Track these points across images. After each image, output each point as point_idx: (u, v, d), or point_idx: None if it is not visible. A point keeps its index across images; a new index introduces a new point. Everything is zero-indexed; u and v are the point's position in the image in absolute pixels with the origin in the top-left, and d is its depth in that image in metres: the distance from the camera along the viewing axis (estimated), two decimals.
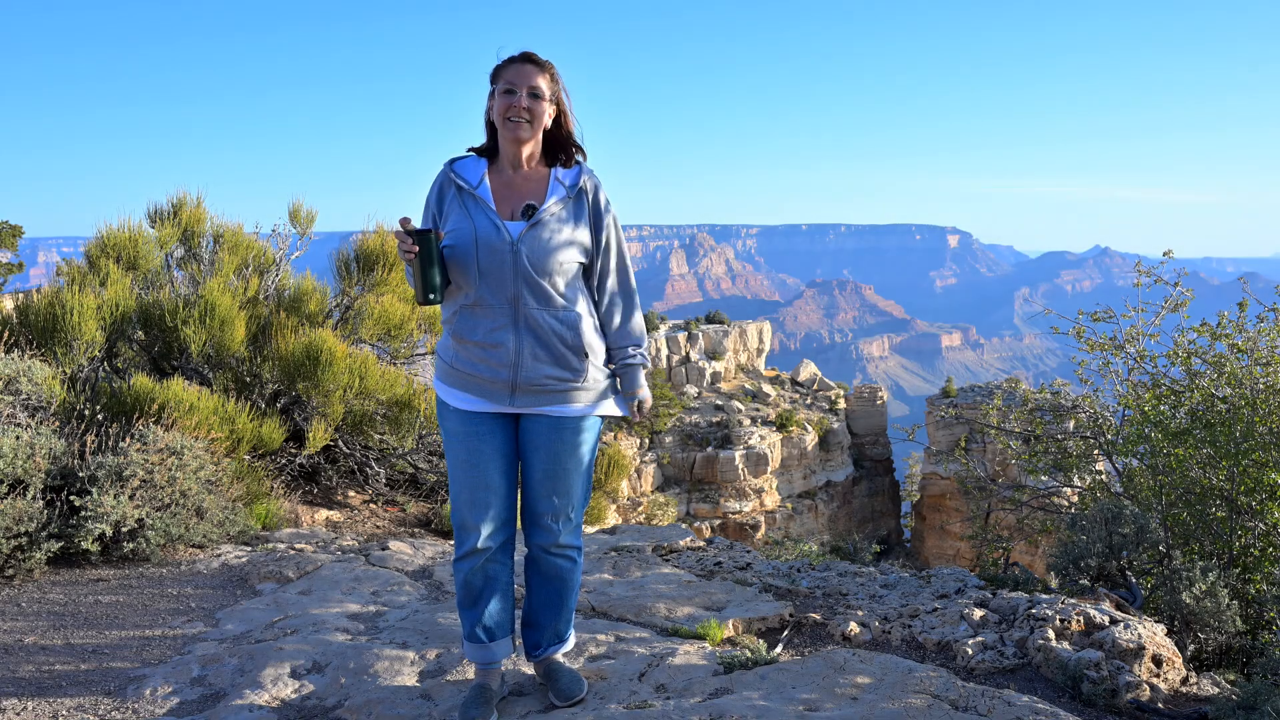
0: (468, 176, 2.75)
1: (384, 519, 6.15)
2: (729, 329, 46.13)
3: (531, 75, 2.68)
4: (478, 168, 2.77)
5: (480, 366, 2.71)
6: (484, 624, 2.90)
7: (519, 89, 2.67)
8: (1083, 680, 2.95)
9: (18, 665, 3.26)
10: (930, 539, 41.73)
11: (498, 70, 2.72)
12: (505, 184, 2.75)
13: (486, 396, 2.74)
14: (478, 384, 2.73)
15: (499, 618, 2.91)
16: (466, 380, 2.75)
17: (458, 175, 2.75)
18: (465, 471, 2.77)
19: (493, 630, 2.91)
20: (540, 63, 2.71)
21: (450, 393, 2.79)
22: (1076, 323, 6.31)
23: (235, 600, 4.02)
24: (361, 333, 6.81)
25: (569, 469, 2.82)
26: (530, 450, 2.82)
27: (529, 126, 2.69)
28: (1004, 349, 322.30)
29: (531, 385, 2.72)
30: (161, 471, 4.49)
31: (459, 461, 2.78)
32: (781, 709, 2.70)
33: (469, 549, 2.81)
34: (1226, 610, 3.52)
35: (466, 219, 2.68)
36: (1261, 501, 4.25)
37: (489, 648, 2.91)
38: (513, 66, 2.69)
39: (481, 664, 2.94)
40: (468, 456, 2.77)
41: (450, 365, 2.77)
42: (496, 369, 2.70)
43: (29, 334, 5.65)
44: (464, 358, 2.73)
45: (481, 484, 2.77)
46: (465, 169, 2.77)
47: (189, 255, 6.79)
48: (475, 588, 2.87)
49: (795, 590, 4.03)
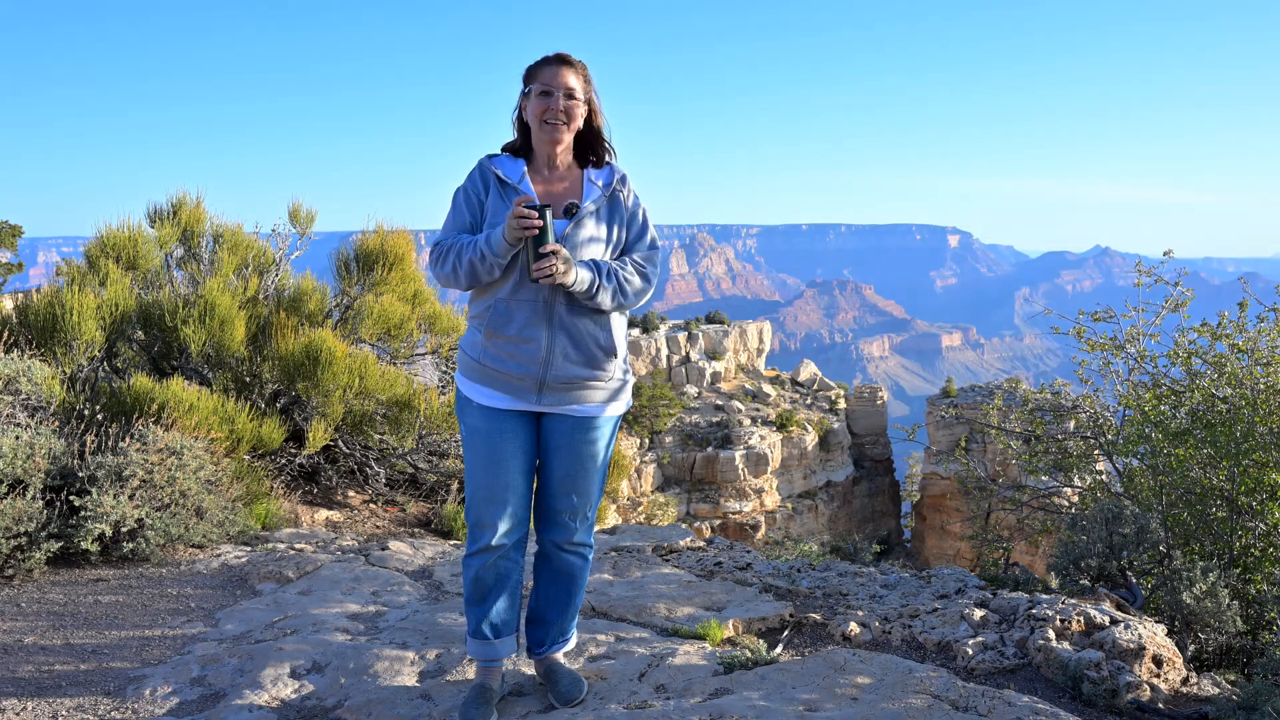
0: (508, 173, 2.76)
1: (384, 519, 6.15)
2: (729, 329, 46.15)
3: (566, 76, 2.71)
4: (516, 166, 2.79)
5: (510, 363, 2.72)
6: (491, 620, 2.90)
7: (556, 91, 2.70)
8: (1083, 680, 2.95)
9: (18, 665, 3.26)
10: (930, 539, 41.73)
11: (532, 71, 2.75)
12: (544, 183, 2.79)
13: (512, 394, 2.75)
14: (505, 380, 2.74)
15: (506, 615, 2.91)
16: (493, 376, 2.75)
17: (498, 170, 2.77)
18: (486, 469, 2.78)
19: (499, 627, 2.91)
20: (574, 63, 2.74)
21: (475, 389, 2.79)
22: (1077, 323, 6.31)
23: (235, 600, 4.02)
24: (361, 332, 6.81)
25: (589, 468, 2.84)
26: (553, 449, 2.83)
27: (566, 128, 2.73)
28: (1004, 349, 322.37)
29: (559, 383, 2.73)
30: (161, 471, 4.49)
31: (480, 459, 2.78)
32: (781, 709, 2.69)
33: (484, 545, 2.81)
34: (1227, 610, 3.51)
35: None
36: (1262, 502, 4.25)
37: (494, 645, 2.91)
38: (548, 68, 2.72)
39: (485, 661, 2.94)
40: (489, 454, 2.77)
41: (477, 361, 2.77)
42: (526, 364, 2.71)
43: (29, 334, 5.65)
44: (492, 353, 2.74)
45: (502, 483, 2.77)
46: (503, 166, 2.78)
47: (189, 255, 6.78)
48: (486, 584, 2.86)
49: (795, 590, 4.03)
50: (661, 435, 40.80)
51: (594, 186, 2.79)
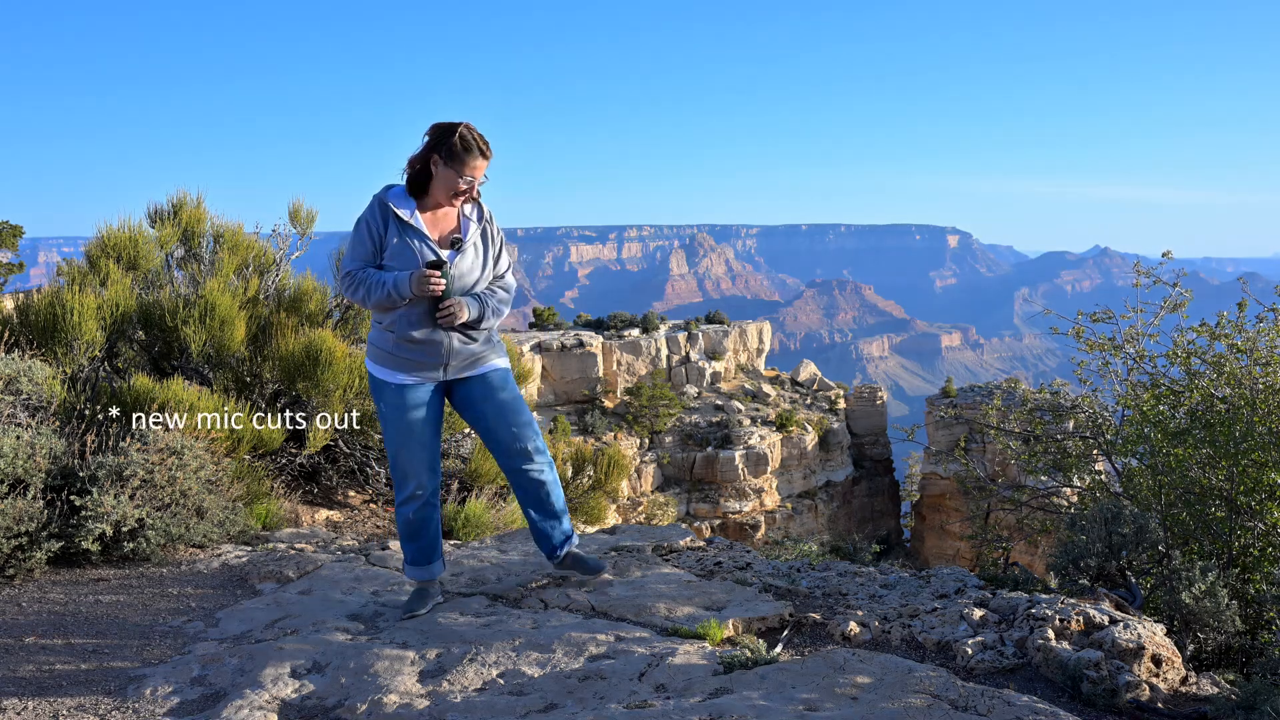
0: (402, 210, 3.43)
1: (384, 519, 6.15)
2: (729, 329, 46.09)
3: (484, 169, 3.44)
4: (408, 203, 3.45)
5: (420, 354, 3.50)
6: (423, 549, 3.74)
7: (474, 180, 3.42)
8: (1082, 680, 2.95)
9: (18, 665, 3.26)
10: (930, 539, 41.71)
11: (455, 151, 3.35)
12: (433, 219, 3.50)
13: (421, 374, 3.54)
14: (416, 366, 3.52)
15: (432, 546, 3.76)
16: (405, 363, 3.51)
17: (395, 207, 3.42)
18: (404, 434, 3.56)
19: (429, 554, 3.76)
20: (490, 156, 3.43)
21: (389, 374, 3.54)
22: (1076, 323, 6.31)
23: (235, 600, 4.03)
24: (361, 333, 6.81)
25: (511, 403, 3.66)
26: (477, 401, 3.63)
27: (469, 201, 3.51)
28: (1004, 349, 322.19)
29: (460, 360, 3.56)
30: (162, 471, 4.49)
31: (399, 428, 3.55)
32: (781, 709, 2.70)
33: (409, 494, 3.64)
34: (1226, 610, 3.52)
35: (407, 247, 3.40)
36: (1261, 501, 4.25)
37: (426, 568, 3.77)
38: (474, 160, 3.39)
39: (422, 580, 3.79)
40: (406, 424, 3.55)
41: (390, 353, 3.52)
42: (433, 356, 3.50)
43: (29, 334, 5.65)
44: (406, 348, 3.49)
45: (417, 442, 3.58)
46: (398, 203, 3.44)
47: (189, 255, 6.78)
48: (415, 524, 3.68)
49: (795, 590, 4.03)
50: (661, 435, 40.76)
51: (469, 222, 3.53)
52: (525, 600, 3.93)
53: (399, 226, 3.41)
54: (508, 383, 3.66)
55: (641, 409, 40.00)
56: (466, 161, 3.37)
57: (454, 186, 3.38)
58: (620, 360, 40.80)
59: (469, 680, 3.12)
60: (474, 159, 3.37)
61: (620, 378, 40.80)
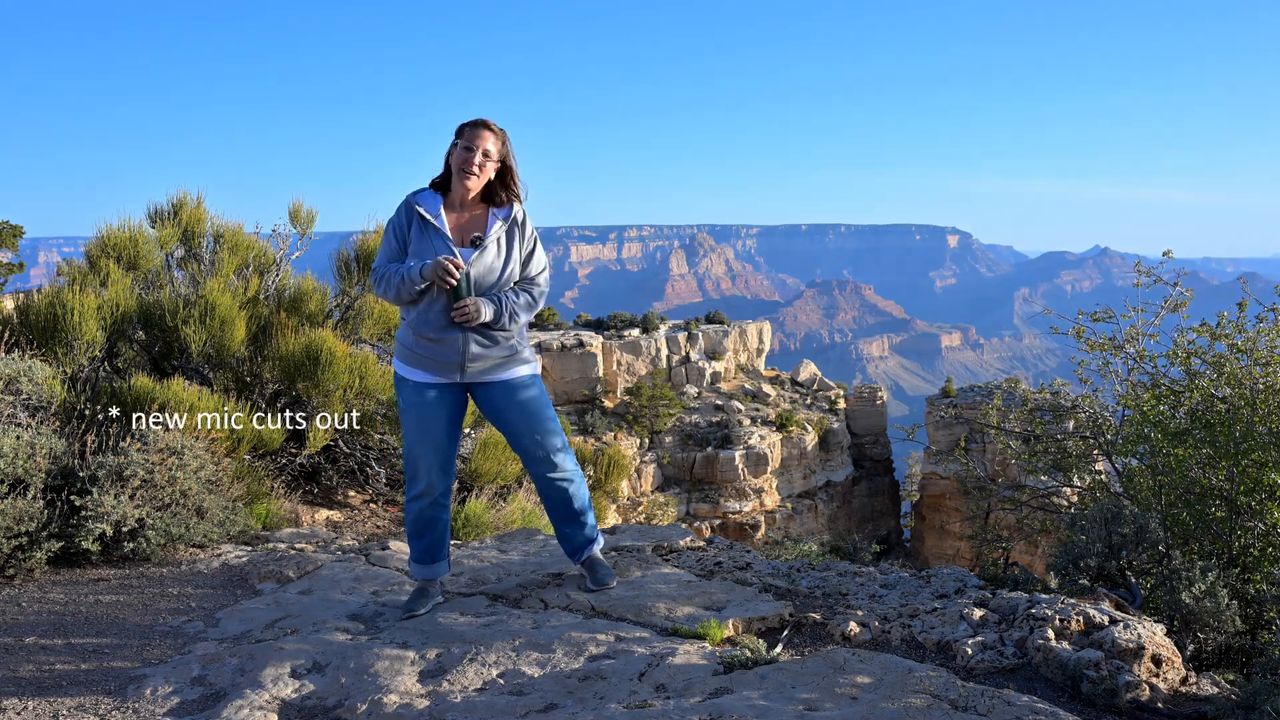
0: (428, 210, 3.52)
1: (384, 519, 6.16)
2: (729, 329, 46.08)
3: (486, 139, 3.48)
4: (435, 201, 3.54)
5: (437, 351, 3.54)
6: (428, 549, 3.75)
7: (474, 149, 3.47)
8: (1082, 680, 2.95)
9: (18, 665, 3.27)
10: (930, 539, 41.70)
11: (461, 129, 3.49)
12: (456, 217, 3.57)
13: (439, 373, 3.57)
14: (434, 364, 3.56)
15: (438, 545, 3.77)
16: (424, 360, 3.56)
17: (420, 208, 3.52)
18: (419, 431, 3.61)
19: (434, 553, 3.77)
20: (494, 129, 3.51)
21: (410, 370, 3.60)
22: (1076, 323, 6.30)
23: (235, 600, 4.03)
24: (361, 332, 6.81)
25: (536, 412, 3.67)
26: (499, 409, 3.65)
27: (476, 178, 3.50)
28: (1004, 349, 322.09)
29: (477, 364, 3.56)
30: (162, 471, 4.49)
31: (414, 424, 3.60)
32: (781, 709, 2.70)
33: (419, 491, 3.66)
34: (1226, 610, 3.52)
35: (429, 246, 3.48)
36: (1261, 501, 4.25)
37: (430, 567, 3.79)
38: (472, 130, 3.48)
39: (424, 579, 3.80)
40: (421, 421, 3.59)
41: (411, 350, 3.58)
42: (449, 354, 3.53)
43: (29, 334, 5.65)
44: (423, 345, 3.54)
45: (431, 442, 3.61)
46: (424, 203, 3.54)
47: (189, 255, 6.78)
48: (423, 522, 3.71)
49: (795, 590, 4.03)
50: (661, 435, 40.75)
51: (495, 220, 3.57)
52: (525, 600, 3.93)
53: (420, 225, 3.51)
54: (532, 388, 3.67)
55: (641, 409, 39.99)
56: (468, 134, 3.48)
57: (462, 160, 3.46)
58: (620, 360, 40.80)
59: (469, 680, 3.12)
60: (476, 130, 3.47)
61: (620, 378, 40.79)
